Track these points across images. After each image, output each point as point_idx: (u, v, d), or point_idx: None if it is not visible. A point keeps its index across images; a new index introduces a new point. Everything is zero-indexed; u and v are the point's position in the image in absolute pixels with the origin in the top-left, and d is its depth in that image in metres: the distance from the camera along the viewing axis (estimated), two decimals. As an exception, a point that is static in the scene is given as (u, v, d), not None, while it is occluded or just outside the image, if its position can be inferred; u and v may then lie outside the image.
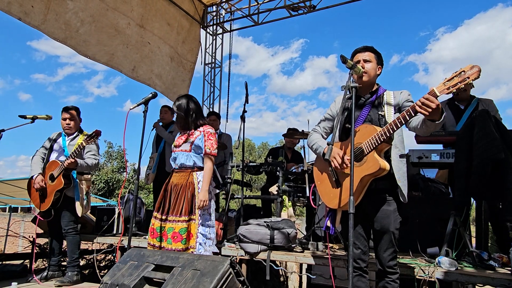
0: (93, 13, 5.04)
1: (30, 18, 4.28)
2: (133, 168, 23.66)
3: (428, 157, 3.36)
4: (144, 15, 5.86)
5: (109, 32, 5.32)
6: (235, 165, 4.10)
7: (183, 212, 2.77)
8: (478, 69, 1.70)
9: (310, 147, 2.39)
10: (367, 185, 2.09)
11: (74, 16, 4.79)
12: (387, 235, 2.09)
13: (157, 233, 2.81)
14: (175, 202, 2.83)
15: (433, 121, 1.88)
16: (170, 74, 6.53)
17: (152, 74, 6.09)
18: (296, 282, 3.09)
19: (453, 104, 3.68)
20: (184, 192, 2.83)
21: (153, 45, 6.08)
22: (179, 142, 2.99)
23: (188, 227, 2.76)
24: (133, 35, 5.71)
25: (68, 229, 3.54)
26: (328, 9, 6.33)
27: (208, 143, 2.90)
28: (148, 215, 5.08)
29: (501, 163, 2.61)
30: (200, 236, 2.76)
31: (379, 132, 2.00)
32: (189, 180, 2.86)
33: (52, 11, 4.50)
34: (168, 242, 2.75)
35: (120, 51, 5.53)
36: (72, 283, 3.43)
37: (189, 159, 2.91)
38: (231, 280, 1.96)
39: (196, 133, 2.96)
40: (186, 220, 2.76)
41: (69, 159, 3.32)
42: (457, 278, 2.43)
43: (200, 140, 2.91)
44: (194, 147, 2.91)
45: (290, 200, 3.83)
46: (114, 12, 5.34)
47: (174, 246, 2.71)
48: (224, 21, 7.51)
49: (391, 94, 2.23)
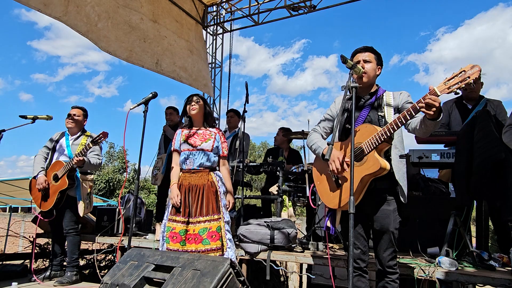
0: (107, 9, 5.02)
1: (51, 9, 4.21)
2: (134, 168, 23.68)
3: (428, 157, 3.36)
4: (155, 12, 5.85)
5: (124, 28, 5.28)
6: (235, 165, 4.09)
7: (214, 211, 2.76)
8: (478, 68, 1.70)
9: (309, 147, 2.38)
10: (367, 185, 2.09)
11: (92, 10, 4.75)
12: (387, 235, 2.09)
13: (180, 237, 2.70)
14: (201, 202, 2.76)
15: (433, 120, 1.87)
16: (195, 66, 6.53)
17: (175, 66, 6.05)
18: (296, 282, 3.08)
19: (460, 103, 3.60)
20: (208, 192, 2.79)
21: (170, 39, 6.04)
22: (195, 142, 2.88)
23: (220, 226, 2.76)
24: (149, 29, 5.67)
25: (69, 230, 3.54)
26: (329, 9, 6.35)
27: (224, 145, 2.98)
28: (149, 215, 5.09)
29: (502, 163, 2.61)
30: (228, 233, 2.79)
31: (380, 132, 2.00)
32: (209, 179, 2.83)
33: (72, 3, 4.46)
34: (205, 242, 2.67)
35: (138, 47, 5.47)
36: (71, 283, 3.44)
37: (209, 160, 2.87)
38: (231, 280, 1.96)
39: (212, 134, 2.94)
40: (217, 219, 2.76)
41: (78, 156, 3.32)
42: (458, 278, 2.42)
43: (217, 141, 2.94)
44: (215, 147, 2.91)
45: (290, 200, 3.83)
46: (125, 9, 5.32)
47: (214, 245, 2.67)
48: (224, 21, 7.52)
49: (390, 95, 2.23)
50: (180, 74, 6.12)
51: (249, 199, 5.02)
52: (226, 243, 2.74)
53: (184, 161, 2.88)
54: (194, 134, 2.93)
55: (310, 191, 2.44)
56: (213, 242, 2.68)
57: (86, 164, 3.47)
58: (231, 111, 5.32)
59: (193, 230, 2.70)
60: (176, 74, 6.06)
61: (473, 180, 2.70)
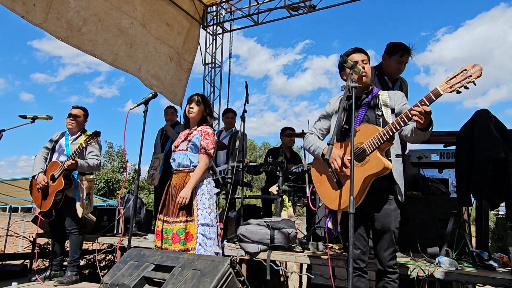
0: (98, 12, 5.04)
1: (32, 16, 4.29)
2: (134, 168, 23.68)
3: (428, 157, 3.37)
4: (145, 15, 5.85)
5: (114, 31, 5.32)
6: (235, 165, 4.09)
7: (181, 213, 2.76)
8: (480, 67, 1.70)
9: (307, 149, 2.37)
10: (369, 185, 2.09)
11: (76, 15, 4.79)
12: (388, 234, 2.09)
13: (163, 235, 2.79)
14: (173, 203, 2.80)
15: (422, 130, 1.92)
16: (168, 74, 6.50)
17: (148, 74, 6.06)
18: (296, 282, 3.08)
19: (382, 76, 3.22)
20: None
21: (150, 46, 6.06)
22: (178, 142, 2.97)
23: (186, 228, 2.74)
24: (137, 34, 5.69)
25: (72, 229, 3.55)
26: (329, 9, 6.35)
27: (204, 142, 2.85)
28: (148, 215, 5.09)
29: (502, 163, 2.61)
30: (200, 236, 2.73)
31: (382, 132, 2.00)
32: (185, 181, 2.82)
33: (53, 10, 4.51)
34: (169, 243, 2.73)
35: (123, 51, 5.50)
36: (71, 283, 3.44)
37: (185, 158, 2.87)
38: (231, 280, 1.96)
39: (194, 132, 2.94)
40: (183, 221, 2.75)
41: (69, 160, 3.32)
42: (457, 278, 2.42)
43: (197, 139, 2.88)
44: (191, 145, 2.88)
45: (290, 200, 3.83)
46: (118, 11, 5.34)
47: (173, 247, 2.69)
48: (224, 21, 7.52)
49: (386, 94, 2.26)
50: (152, 82, 6.13)
51: (249, 199, 5.02)
52: (195, 246, 2.69)
53: (172, 162, 2.99)
54: (182, 135, 3.00)
55: (310, 192, 2.43)
56: (173, 244, 2.70)
57: (80, 167, 3.46)
58: (231, 111, 5.31)
59: (167, 230, 2.78)
60: (148, 82, 6.07)
61: (474, 180, 2.70)
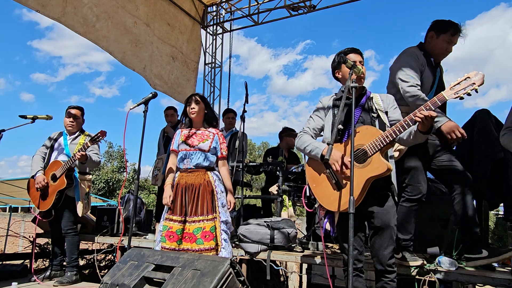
0: (107, 10, 5.06)
1: (48, 10, 4.30)
2: (134, 168, 23.67)
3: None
4: (149, 14, 5.86)
5: (121, 29, 5.34)
6: (235, 165, 4.10)
7: (208, 210, 2.76)
8: (482, 75, 1.80)
9: (301, 149, 2.32)
10: (368, 186, 2.09)
11: (90, 11, 4.81)
12: (388, 231, 2.09)
13: (177, 235, 2.71)
14: (196, 202, 2.77)
15: (423, 133, 1.96)
16: (173, 74, 6.48)
17: (152, 74, 6.07)
18: (296, 282, 3.08)
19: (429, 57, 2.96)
20: (204, 191, 2.80)
21: (154, 46, 6.07)
22: (193, 142, 2.89)
23: (215, 225, 2.76)
24: (141, 33, 5.69)
25: (67, 230, 3.54)
26: (329, 9, 6.35)
27: (223, 146, 2.96)
28: (148, 215, 5.09)
29: (502, 163, 2.61)
30: (223, 233, 2.77)
31: (384, 134, 2.01)
32: (206, 179, 2.83)
33: (70, 4, 4.53)
34: (199, 242, 2.69)
35: (129, 50, 5.51)
36: (71, 283, 3.44)
37: (206, 160, 2.87)
38: (231, 280, 1.96)
39: (210, 134, 2.94)
40: (212, 219, 2.76)
41: (81, 151, 3.31)
42: (457, 278, 2.43)
43: (216, 142, 2.93)
44: (213, 148, 2.90)
45: (290, 200, 3.83)
46: (123, 10, 5.35)
47: (207, 245, 2.68)
48: (224, 21, 7.51)
49: (378, 96, 2.28)
50: (155, 82, 6.13)
51: (249, 199, 5.02)
52: (221, 242, 2.73)
53: (182, 161, 2.90)
54: (193, 135, 2.93)
55: (303, 194, 2.42)
56: (207, 242, 2.69)
57: (88, 160, 3.47)
58: (232, 112, 5.31)
59: (188, 229, 2.73)
60: (152, 82, 6.07)
61: (473, 180, 2.70)
